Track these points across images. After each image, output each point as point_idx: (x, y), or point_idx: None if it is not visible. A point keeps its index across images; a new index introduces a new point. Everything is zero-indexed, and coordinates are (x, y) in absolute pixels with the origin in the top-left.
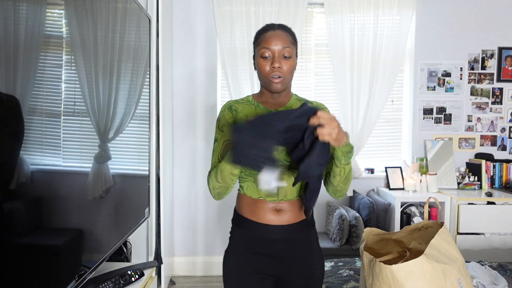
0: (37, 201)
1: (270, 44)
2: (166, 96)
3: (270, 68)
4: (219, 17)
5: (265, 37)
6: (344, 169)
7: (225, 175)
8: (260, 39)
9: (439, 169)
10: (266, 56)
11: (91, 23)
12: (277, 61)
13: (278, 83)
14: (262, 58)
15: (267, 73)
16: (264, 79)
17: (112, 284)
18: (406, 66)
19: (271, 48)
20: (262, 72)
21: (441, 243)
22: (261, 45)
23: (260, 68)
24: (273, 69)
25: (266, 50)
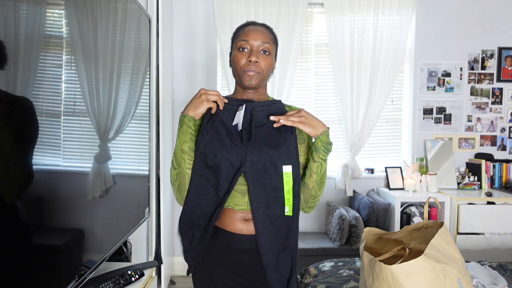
0: (37, 201)
1: (249, 37)
2: (166, 96)
3: (246, 61)
4: (219, 17)
5: (245, 30)
6: (321, 166)
7: (177, 154)
8: (239, 32)
9: (439, 169)
10: (244, 49)
11: (91, 23)
12: (255, 55)
13: (252, 76)
14: (239, 51)
15: (241, 66)
16: (238, 72)
17: (112, 284)
18: (406, 66)
19: (250, 42)
20: (237, 65)
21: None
22: (240, 38)
23: (235, 61)
24: (249, 63)
25: (244, 42)
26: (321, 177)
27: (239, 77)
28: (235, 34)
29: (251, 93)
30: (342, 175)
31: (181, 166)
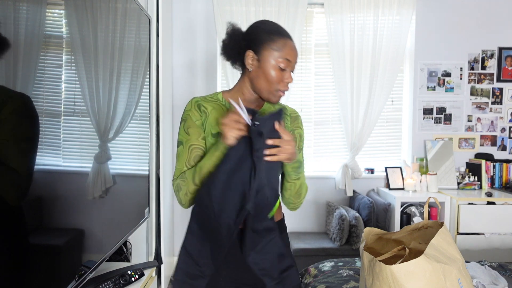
0: (37, 201)
1: (292, 58)
2: (166, 96)
3: (283, 82)
4: (219, 17)
5: (287, 45)
6: (295, 184)
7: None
8: (277, 42)
9: (439, 169)
10: (285, 69)
11: (91, 23)
12: (291, 76)
13: (282, 96)
14: (280, 69)
15: (278, 86)
16: (269, 88)
17: (112, 284)
18: (406, 66)
19: (291, 63)
20: (272, 82)
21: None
22: (282, 53)
23: (272, 78)
24: (286, 84)
25: (288, 63)
26: (296, 192)
27: (269, 93)
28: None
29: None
30: (342, 175)
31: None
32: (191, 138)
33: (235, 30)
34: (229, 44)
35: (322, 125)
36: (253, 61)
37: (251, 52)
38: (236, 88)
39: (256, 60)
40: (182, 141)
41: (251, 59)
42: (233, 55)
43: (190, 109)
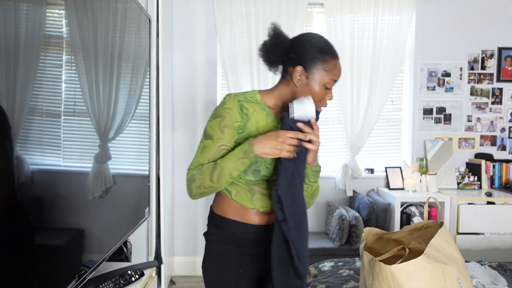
0: (37, 201)
1: (338, 78)
2: (166, 96)
3: (324, 99)
4: (219, 17)
5: (337, 67)
6: (312, 187)
7: (224, 174)
8: (329, 63)
9: (439, 169)
10: (328, 87)
11: (91, 23)
12: (332, 95)
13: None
14: (325, 88)
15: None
16: None
17: (112, 284)
18: (406, 66)
19: (335, 82)
20: (314, 99)
21: (441, 243)
22: (332, 74)
23: (316, 96)
24: (326, 102)
25: (333, 83)
26: (311, 193)
27: None
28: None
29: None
30: (342, 175)
31: (221, 184)
32: (224, 138)
33: (280, 36)
34: (274, 51)
35: (322, 125)
36: (301, 76)
37: (301, 68)
38: (276, 93)
39: (304, 76)
40: (213, 137)
41: (299, 75)
42: (275, 62)
43: (232, 108)
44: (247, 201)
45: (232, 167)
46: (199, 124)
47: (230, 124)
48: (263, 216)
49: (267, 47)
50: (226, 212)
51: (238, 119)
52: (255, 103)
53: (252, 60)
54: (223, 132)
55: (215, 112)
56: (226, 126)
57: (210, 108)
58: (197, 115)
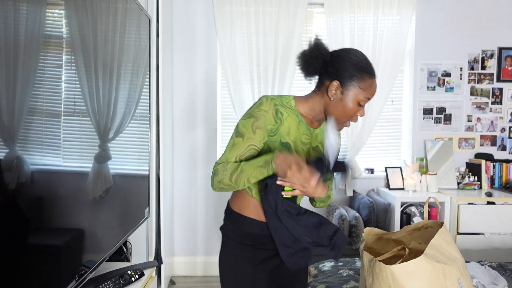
0: (37, 201)
1: (372, 96)
2: (166, 96)
3: (355, 115)
4: (219, 17)
5: (373, 85)
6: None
7: (242, 178)
8: (366, 81)
9: (439, 169)
10: (362, 105)
11: (91, 23)
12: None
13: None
14: (358, 105)
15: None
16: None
17: (112, 284)
18: (406, 66)
19: (369, 100)
20: (346, 114)
21: (441, 243)
22: (367, 93)
23: (348, 111)
24: (356, 118)
25: (367, 100)
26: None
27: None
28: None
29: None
30: (342, 175)
31: (238, 185)
32: (255, 138)
33: (321, 48)
34: (313, 62)
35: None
36: (336, 91)
37: (337, 83)
38: (310, 103)
39: (340, 91)
40: (244, 135)
41: (335, 89)
42: (312, 73)
43: (267, 111)
44: None
45: (251, 173)
46: (199, 124)
47: (263, 126)
48: None
49: (306, 57)
50: (245, 210)
51: (271, 122)
52: (289, 108)
53: (252, 60)
54: (255, 133)
55: (250, 111)
56: (258, 127)
57: (210, 108)
58: (197, 115)
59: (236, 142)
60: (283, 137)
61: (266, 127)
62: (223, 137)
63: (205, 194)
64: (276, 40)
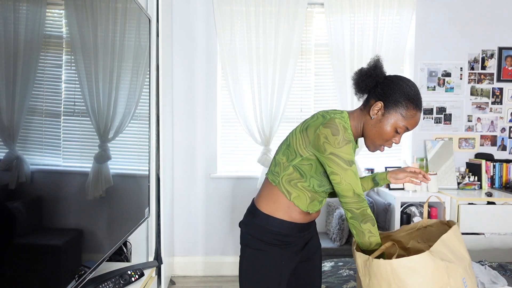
0: (37, 201)
1: (411, 128)
2: (166, 96)
3: (391, 141)
4: (219, 17)
5: (415, 118)
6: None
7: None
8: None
9: (439, 169)
10: (399, 132)
11: (91, 23)
12: (400, 140)
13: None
14: (395, 132)
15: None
16: (376, 141)
17: (112, 284)
18: (406, 66)
19: (408, 130)
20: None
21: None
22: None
23: (385, 135)
24: (391, 144)
25: (406, 130)
26: None
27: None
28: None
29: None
30: None
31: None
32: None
33: (378, 69)
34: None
35: None
36: (378, 112)
37: (381, 104)
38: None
39: (381, 113)
40: (353, 160)
41: (377, 110)
42: (363, 89)
43: (350, 134)
44: (303, 205)
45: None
46: (199, 124)
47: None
48: (307, 216)
49: (362, 74)
50: (276, 212)
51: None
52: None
53: (252, 60)
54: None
55: (342, 137)
56: (353, 149)
57: (210, 108)
58: (197, 115)
59: (354, 170)
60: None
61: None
62: (223, 137)
63: (205, 194)
64: (276, 40)
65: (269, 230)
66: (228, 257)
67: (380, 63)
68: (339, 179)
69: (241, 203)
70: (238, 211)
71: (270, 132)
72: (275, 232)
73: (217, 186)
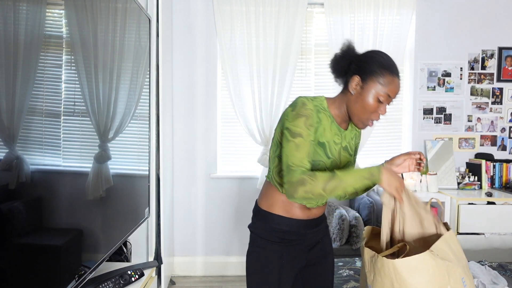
0: (37, 201)
1: (393, 94)
2: (166, 96)
3: (376, 112)
4: (219, 17)
5: (393, 83)
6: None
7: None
8: (386, 77)
9: (439, 169)
10: (383, 102)
11: (91, 23)
12: (385, 109)
13: (370, 126)
14: (378, 101)
15: (370, 114)
16: (362, 116)
17: (112, 284)
18: (406, 66)
19: (391, 98)
20: (366, 109)
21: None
22: (386, 89)
23: (368, 108)
24: (378, 116)
25: (387, 97)
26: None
27: (359, 119)
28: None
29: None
30: None
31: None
32: (311, 135)
33: (350, 49)
34: (340, 61)
35: None
36: (357, 86)
37: (358, 78)
38: (337, 103)
39: (360, 86)
40: (302, 134)
41: (355, 84)
42: (340, 72)
43: (313, 110)
44: None
45: (352, 184)
46: (199, 123)
47: (313, 123)
48: (306, 211)
49: (336, 58)
50: (273, 208)
51: (316, 122)
52: (323, 110)
53: (252, 60)
54: (310, 130)
55: (297, 111)
56: (311, 125)
57: (210, 108)
58: (197, 115)
59: (299, 142)
60: (321, 136)
61: (315, 125)
62: (223, 137)
63: (205, 194)
64: (276, 40)
65: (268, 226)
66: (229, 257)
67: (352, 45)
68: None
69: (241, 203)
70: (238, 211)
71: (270, 132)
72: (275, 229)
73: (217, 186)
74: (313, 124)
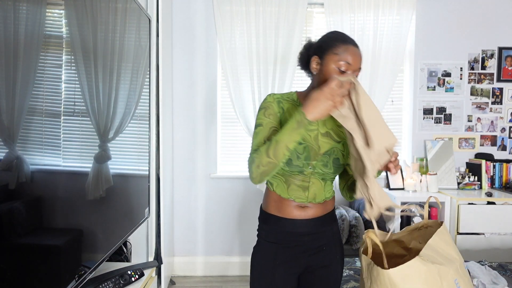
0: (37, 201)
1: (352, 61)
2: (166, 96)
3: None
4: (219, 17)
5: (348, 50)
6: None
7: (280, 147)
8: (339, 47)
9: (439, 169)
10: (344, 71)
11: (91, 23)
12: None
13: None
14: (339, 70)
15: None
16: None
17: (112, 284)
18: (406, 66)
19: (351, 66)
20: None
21: (439, 243)
22: (342, 57)
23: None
24: None
25: (347, 65)
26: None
27: None
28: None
29: None
30: None
31: (278, 158)
32: (272, 121)
33: (311, 43)
34: (302, 53)
35: None
36: (317, 65)
37: (316, 58)
38: (307, 90)
39: (319, 64)
40: (262, 123)
41: (315, 64)
42: (304, 63)
43: (272, 102)
44: (284, 192)
45: (288, 139)
46: (199, 123)
47: (273, 112)
48: (299, 210)
49: (300, 53)
50: (269, 208)
51: (277, 111)
52: (290, 101)
53: (252, 60)
54: (270, 118)
55: (260, 107)
56: (270, 114)
57: (210, 108)
58: (197, 115)
59: (258, 131)
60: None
61: (276, 114)
62: (223, 137)
63: (205, 194)
64: (276, 40)
65: (266, 226)
66: (229, 257)
67: (312, 41)
68: None
69: (241, 203)
70: (238, 211)
71: None
72: (271, 229)
73: (217, 186)
74: (273, 113)
